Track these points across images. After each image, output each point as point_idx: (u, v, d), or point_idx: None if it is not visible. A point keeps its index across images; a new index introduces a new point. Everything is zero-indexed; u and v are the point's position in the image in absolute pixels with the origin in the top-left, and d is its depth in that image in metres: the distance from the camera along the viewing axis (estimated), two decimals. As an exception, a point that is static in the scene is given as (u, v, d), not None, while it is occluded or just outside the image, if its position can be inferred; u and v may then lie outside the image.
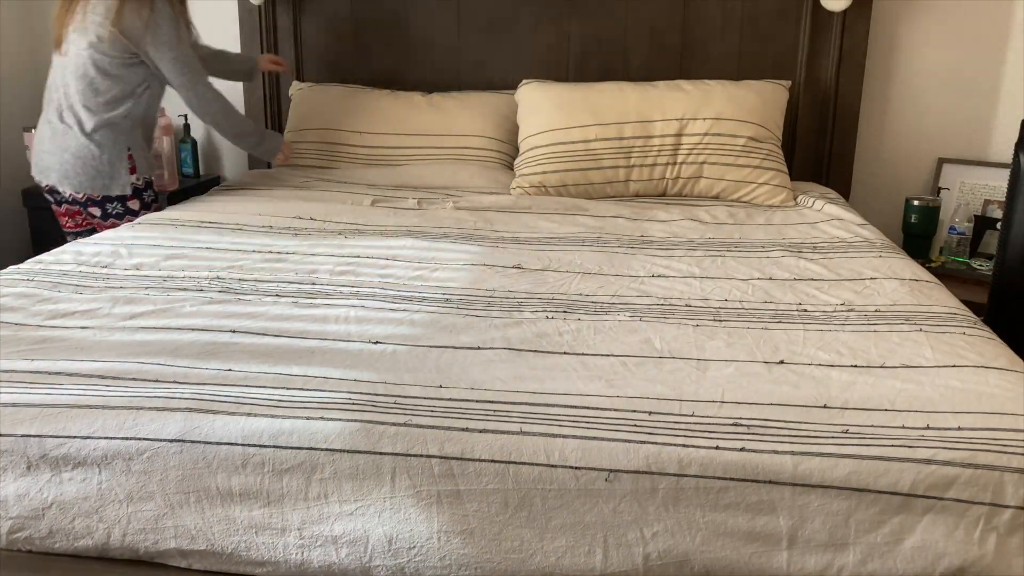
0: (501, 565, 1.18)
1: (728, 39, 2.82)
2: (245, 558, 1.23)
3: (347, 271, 1.86)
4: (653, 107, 2.57)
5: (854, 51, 2.75)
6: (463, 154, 2.74)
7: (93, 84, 2.33)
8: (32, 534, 1.26)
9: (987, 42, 2.79)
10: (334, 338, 1.49)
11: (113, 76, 2.34)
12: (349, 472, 1.19)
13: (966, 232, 2.74)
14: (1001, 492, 1.13)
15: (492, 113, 2.79)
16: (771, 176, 2.52)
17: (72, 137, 2.36)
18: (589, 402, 1.26)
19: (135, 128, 2.42)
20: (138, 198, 2.45)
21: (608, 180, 2.57)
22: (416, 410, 1.24)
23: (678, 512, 1.16)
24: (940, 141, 2.90)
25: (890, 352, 1.44)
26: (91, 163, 2.36)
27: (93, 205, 2.42)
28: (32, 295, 1.70)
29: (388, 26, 2.97)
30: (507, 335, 1.50)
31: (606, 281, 1.81)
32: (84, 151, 2.35)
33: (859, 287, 1.77)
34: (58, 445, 1.24)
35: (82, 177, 2.37)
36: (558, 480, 1.16)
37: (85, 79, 2.33)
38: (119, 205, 2.43)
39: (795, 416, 1.23)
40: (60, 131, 2.37)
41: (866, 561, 1.14)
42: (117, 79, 2.34)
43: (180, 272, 1.85)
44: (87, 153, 2.35)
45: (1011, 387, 1.31)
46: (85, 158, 2.36)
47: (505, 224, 2.27)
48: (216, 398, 1.27)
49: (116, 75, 2.34)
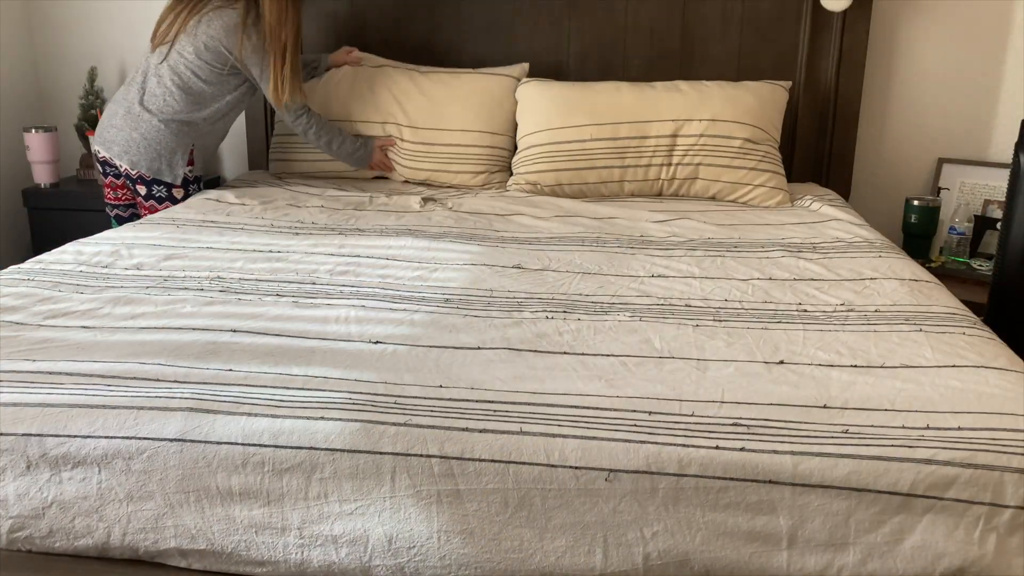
0: (501, 565, 1.18)
1: (728, 39, 2.82)
2: (245, 558, 1.23)
3: (347, 271, 1.86)
4: (649, 108, 2.57)
5: (854, 51, 2.75)
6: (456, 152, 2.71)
7: (187, 85, 2.47)
8: (32, 533, 1.26)
9: (987, 42, 2.79)
10: (334, 338, 1.49)
11: (207, 82, 2.48)
12: (349, 472, 1.19)
13: (966, 232, 2.74)
14: (1001, 492, 1.13)
15: (484, 98, 2.72)
16: (767, 178, 2.53)
17: (146, 122, 2.48)
18: (589, 402, 1.26)
19: (209, 131, 2.56)
20: (184, 188, 2.55)
21: (603, 180, 2.58)
22: (416, 410, 1.24)
23: (678, 512, 1.16)
24: (940, 141, 2.90)
25: (890, 352, 1.44)
26: (155, 147, 2.48)
27: (141, 183, 2.52)
28: (32, 295, 1.70)
29: (388, 26, 2.97)
30: (507, 335, 1.50)
31: (606, 281, 1.81)
32: (154, 135, 2.47)
33: (859, 287, 1.77)
34: (58, 444, 1.24)
35: (142, 157, 2.48)
36: (558, 480, 1.16)
37: (180, 79, 2.46)
38: (164, 190, 2.53)
39: (795, 416, 1.23)
40: (136, 114, 2.49)
41: (866, 561, 1.15)
42: (210, 85, 2.48)
43: (180, 272, 1.85)
44: (156, 137, 2.48)
45: (1011, 387, 1.31)
46: (151, 141, 2.48)
47: (504, 224, 2.27)
48: (216, 398, 1.27)
49: (210, 82, 2.48)
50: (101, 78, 3.24)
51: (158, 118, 2.46)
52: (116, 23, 3.22)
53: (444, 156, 2.70)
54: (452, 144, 2.68)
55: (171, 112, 2.47)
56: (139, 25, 3.21)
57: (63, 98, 3.32)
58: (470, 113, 2.69)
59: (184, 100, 2.47)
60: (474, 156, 2.68)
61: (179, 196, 2.54)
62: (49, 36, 3.27)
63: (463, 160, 2.69)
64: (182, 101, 2.47)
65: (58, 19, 3.25)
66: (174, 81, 2.46)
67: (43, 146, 2.99)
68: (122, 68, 3.26)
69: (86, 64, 3.25)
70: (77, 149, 3.30)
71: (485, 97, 2.71)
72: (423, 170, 2.72)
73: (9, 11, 3.17)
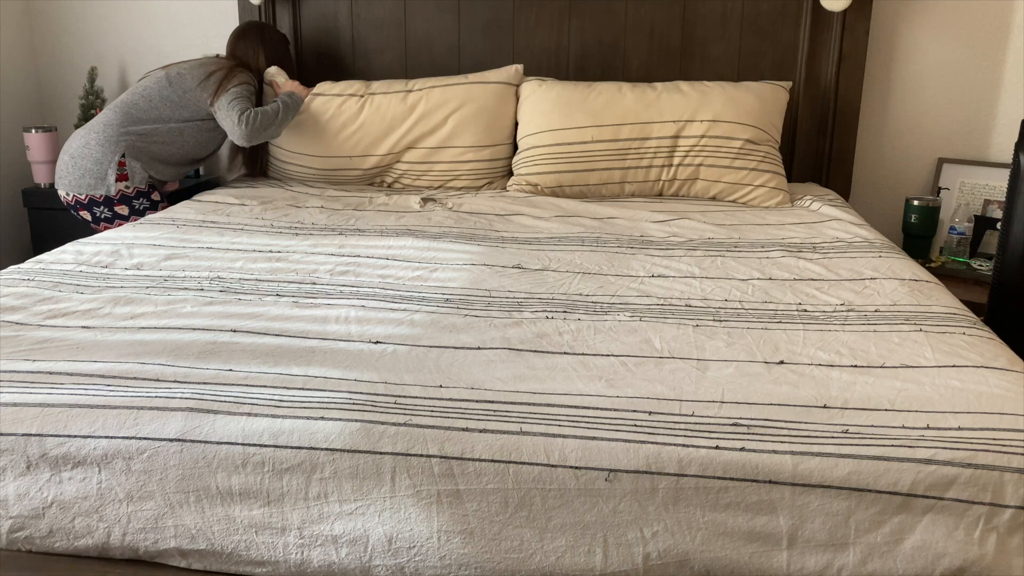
0: (501, 565, 1.18)
1: (728, 39, 2.83)
2: (245, 558, 1.23)
3: (347, 271, 1.86)
4: (651, 109, 2.56)
5: (854, 51, 2.75)
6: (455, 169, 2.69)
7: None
8: (32, 533, 1.27)
9: (987, 42, 2.80)
10: (334, 338, 1.49)
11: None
12: (349, 472, 1.19)
13: (966, 232, 2.74)
14: (1001, 492, 1.13)
15: (482, 110, 2.67)
16: (768, 179, 2.53)
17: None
18: (589, 402, 1.26)
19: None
20: (126, 204, 2.57)
21: (603, 181, 2.57)
22: (416, 410, 1.24)
23: (678, 512, 1.16)
24: (940, 141, 2.90)
25: (890, 352, 1.44)
26: (81, 163, 2.55)
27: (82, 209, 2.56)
28: (32, 295, 1.70)
29: (388, 26, 2.97)
30: (507, 335, 1.50)
31: (606, 281, 1.81)
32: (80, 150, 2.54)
33: (859, 287, 1.77)
34: (58, 444, 1.24)
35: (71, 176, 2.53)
36: (558, 480, 1.16)
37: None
38: (104, 209, 2.56)
39: (795, 416, 1.23)
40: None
41: (866, 561, 1.15)
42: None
43: (181, 272, 1.85)
44: (81, 152, 2.54)
45: (1011, 387, 1.31)
46: (77, 157, 2.55)
47: (504, 224, 2.27)
48: (216, 398, 1.27)
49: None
50: (101, 78, 3.24)
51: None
52: (116, 23, 3.22)
53: (445, 174, 2.69)
54: (452, 161, 2.66)
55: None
56: (139, 25, 3.21)
57: (63, 98, 3.32)
58: (468, 131, 2.64)
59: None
60: (475, 171, 2.67)
61: (124, 212, 2.55)
62: (49, 36, 3.28)
63: (464, 176, 2.68)
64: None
65: (58, 19, 3.25)
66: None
67: (43, 146, 2.99)
68: (122, 68, 3.26)
69: (86, 64, 3.25)
70: (77, 149, 3.29)
71: (482, 111, 2.66)
72: (423, 187, 2.71)
73: (9, 11, 3.17)
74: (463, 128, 2.65)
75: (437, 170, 2.68)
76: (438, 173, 2.68)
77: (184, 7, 3.14)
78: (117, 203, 2.52)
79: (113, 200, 2.51)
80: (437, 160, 2.67)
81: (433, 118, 2.66)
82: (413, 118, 2.66)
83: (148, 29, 3.21)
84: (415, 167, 2.69)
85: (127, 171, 2.52)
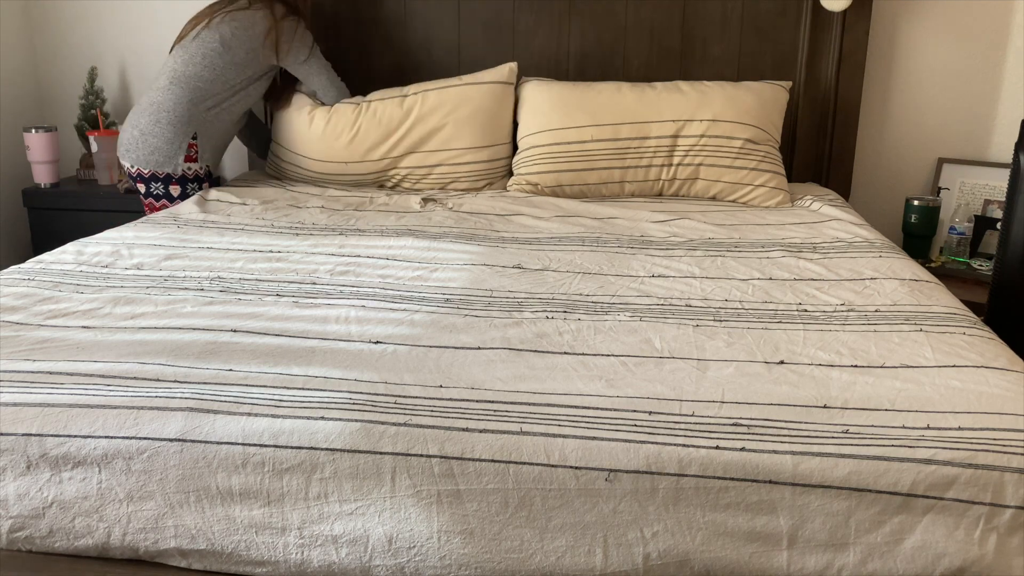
0: (501, 565, 1.18)
1: (728, 39, 2.83)
2: (245, 558, 1.23)
3: (347, 271, 1.86)
4: (650, 108, 2.57)
5: (854, 51, 2.75)
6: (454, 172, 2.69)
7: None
8: (32, 533, 1.27)
9: (987, 42, 2.80)
10: (334, 338, 1.49)
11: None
12: (349, 472, 1.19)
13: (966, 232, 2.74)
14: (1001, 492, 1.13)
15: (478, 111, 2.66)
16: (768, 178, 2.53)
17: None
18: (589, 402, 1.26)
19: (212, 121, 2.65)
20: (181, 185, 2.62)
21: (603, 181, 2.58)
22: (416, 410, 1.24)
23: (678, 512, 1.16)
24: (940, 141, 2.90)
25: (890, 352, 1.44)
26: (151, 140, 2.61)
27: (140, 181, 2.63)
28: (33, 295, 1.70)
29: (388, 26, 2.98)
30: (507, 335, 1.50)
31: (606, 281, 1.81)
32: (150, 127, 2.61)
33: (859, 287, 1.77)
34: (58, 444, 1.24)
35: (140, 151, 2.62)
36: (558, 480, 1.16)
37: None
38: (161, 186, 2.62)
39: (795, 416, 1.23)
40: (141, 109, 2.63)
41: (866, 561, 1.15)
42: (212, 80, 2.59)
43: (181, 272, 1.85)
44: (151, 129, 2.59)
45: (1011, 387, 1.31)
46: (147, 133, 2.59)
47: (505, 224, 2.27)
48: (216, 398, 1.27)
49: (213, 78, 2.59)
50: (101, 78, 3.24)
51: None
52: (116, 23, 3.22)
53: (444, 176, 2.68)
54: (451, 164, 2.65)
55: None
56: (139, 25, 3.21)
57: (63, 98, 3.32)
58: (465, 133, 2.63)
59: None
60: (474, 172, 2.67)
61: (176, 194, 2.58)
62: (49, 36, 3.28)
63: (464, 178, 2.68)
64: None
65: (58, 19, 3.25)
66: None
67: (43, 146, 2.99)
68: (122, 68, 3.26)
69: (86, 64, 3.25)
70: (77, 149, 3.30)
71: (479, 112, 2.64)
72: (422, 190, 2.71)
73: (9, 11, 3.17)
74: (460, 130, 2.64)
75: (437, 173, 2.68)
76: (438, 176, 2.68)
77: (184, 7, 3.14)
78: (175, 182, 2.57)
79: (173, 178, 2.56)
80: (436, 163, 2.66)
81: (429, 122, 2.65)
82: (409, 122, 2.65)
83: (148, 29, 3.21)
84: (415, 171, 2.69)
85: (196, 153, 2.58)
